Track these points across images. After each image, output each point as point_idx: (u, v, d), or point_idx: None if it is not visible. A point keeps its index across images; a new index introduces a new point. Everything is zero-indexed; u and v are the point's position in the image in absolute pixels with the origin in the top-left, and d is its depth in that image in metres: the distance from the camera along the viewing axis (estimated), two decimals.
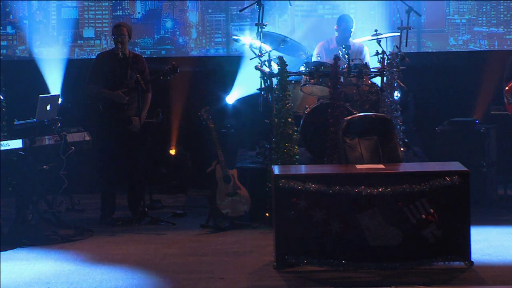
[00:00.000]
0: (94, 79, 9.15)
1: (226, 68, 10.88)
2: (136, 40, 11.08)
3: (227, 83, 10.81)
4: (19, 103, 10.26)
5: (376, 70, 9.28)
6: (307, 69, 9.27)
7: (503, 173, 10.00)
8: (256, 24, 9.29)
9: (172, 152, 10.85)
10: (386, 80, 9.19)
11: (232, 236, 8.46)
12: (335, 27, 9.93)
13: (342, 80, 9.10)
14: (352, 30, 9.84)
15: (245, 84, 10.64)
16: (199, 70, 10.99)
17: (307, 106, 9.46)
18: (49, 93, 10.41)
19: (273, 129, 8.98)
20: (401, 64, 9.30)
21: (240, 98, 10.75)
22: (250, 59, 9.32)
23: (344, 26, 9.85)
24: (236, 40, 9.71)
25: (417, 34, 10.68)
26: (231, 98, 10.77)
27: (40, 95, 8.69)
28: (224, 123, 10.74)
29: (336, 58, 9.08)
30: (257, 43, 9.27)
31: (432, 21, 10.97)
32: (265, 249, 7.76)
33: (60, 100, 9.11)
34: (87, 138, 9.01)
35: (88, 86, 9.19)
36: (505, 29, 11.11)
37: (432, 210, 6.99)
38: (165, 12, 11.19)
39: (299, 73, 9.35)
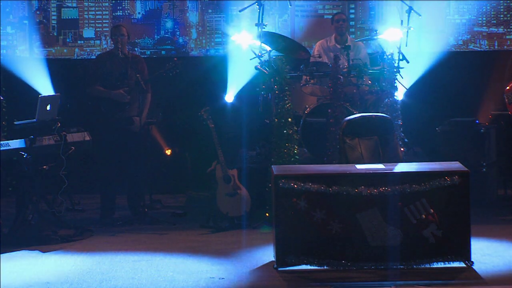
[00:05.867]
0: (94, 80, 9.16)
1: (226, 68, 10.87)
2: (136, 40, 11.08)
3: (227, 83, 10.80)
4: (19, 103, 10.25)
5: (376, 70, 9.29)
6: (307, 69, 9.27)
7: (503, 173, 9.99)
8: (256, 24, 9.28)
9: (171, 152, 10.84)
10: (386, 80, 9.19)
11: (232, 236, 8.46)
12: (332, 26, 9.97)
13: (342, 80, 9.11)
14: (345, 25, 9.92)
15: (245, 84, 10.65)
16: (199, 70, 10.99)
17: (307, 106, 9.47)
18: (49, 93, 10.41)
19: (273, 129, 8.98)
20: (400, 64, 9.31)
21: (240, 96, 10.74)
22: (250, 59, 9.32)
23: (340, 23, 9.90)
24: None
25: (417, 34, 10.67)
26: (230, 96, 10.77)
27: (40, 95, 8.70)
28: (224, 123, 10.73)
29: (336, 58, 9.08)
30: (257, 43, 9.27)
31: (432, 21, 10.97)
32: (265, 249, 7.76)
33: (60, 100, 9.11)
34: (87, 138, 9.00)
35: (88, 87, 9.19)
36: (505, 29, 11.11)
37: (432, 210, 6.99)
38: (165, 12, 11.19)
39: (299, 73, 9.35)
